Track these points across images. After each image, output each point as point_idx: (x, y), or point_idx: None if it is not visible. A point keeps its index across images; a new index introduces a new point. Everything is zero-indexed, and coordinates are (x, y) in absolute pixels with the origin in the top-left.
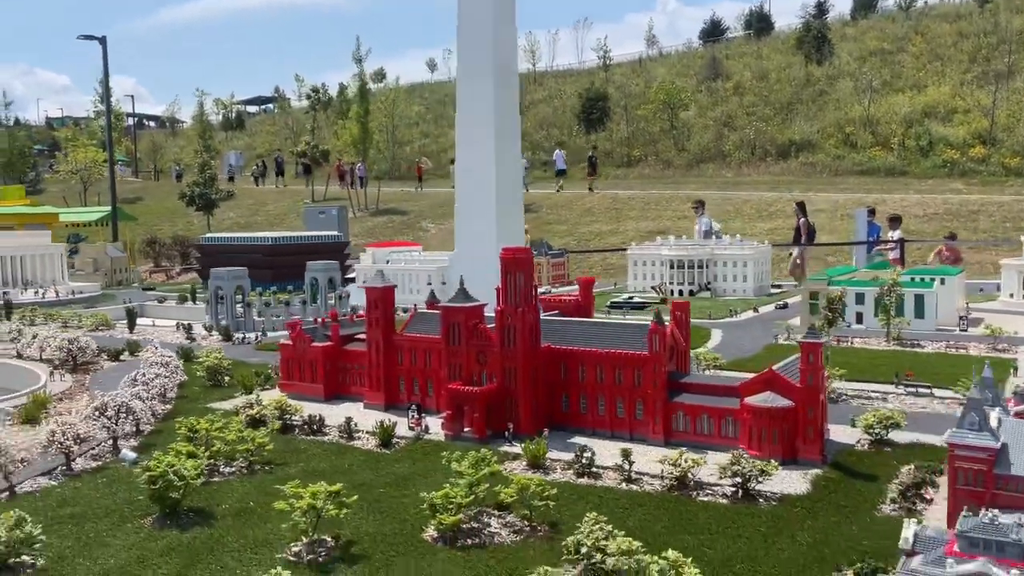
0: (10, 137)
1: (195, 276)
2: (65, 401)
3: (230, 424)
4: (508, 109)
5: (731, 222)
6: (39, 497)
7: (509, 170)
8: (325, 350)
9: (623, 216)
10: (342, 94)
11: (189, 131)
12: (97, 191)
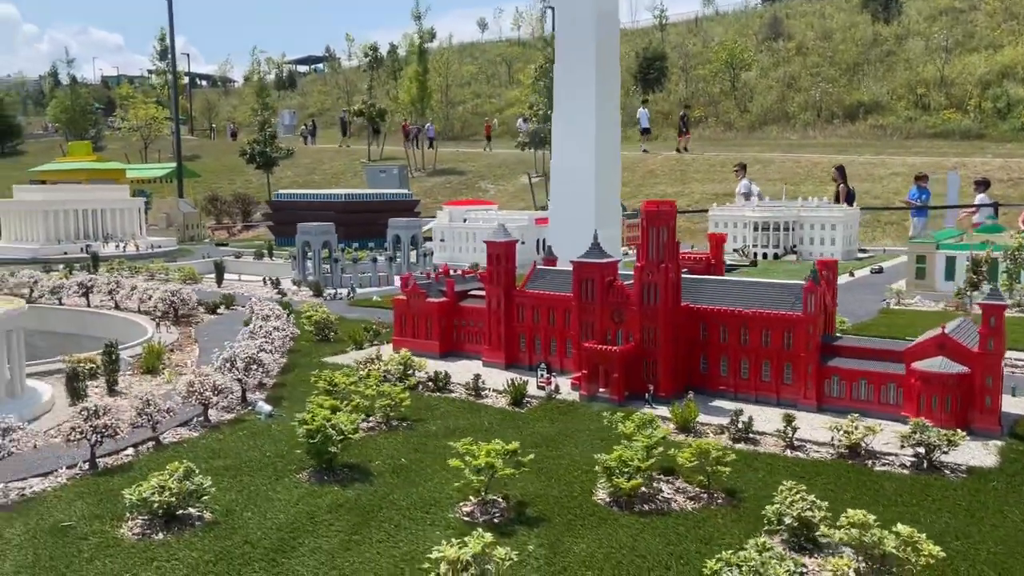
0: (73, 95)
1: (259, 232)
2: (177, 352)
3: (367, 379)
4: (609, 59)
5: (801, 185)
6: (187, 448)
7: (608, 124)
8: (440, 306)
9: (688, 178)
10: (393, 53)
11: (243, 90)
12: (157, 148)
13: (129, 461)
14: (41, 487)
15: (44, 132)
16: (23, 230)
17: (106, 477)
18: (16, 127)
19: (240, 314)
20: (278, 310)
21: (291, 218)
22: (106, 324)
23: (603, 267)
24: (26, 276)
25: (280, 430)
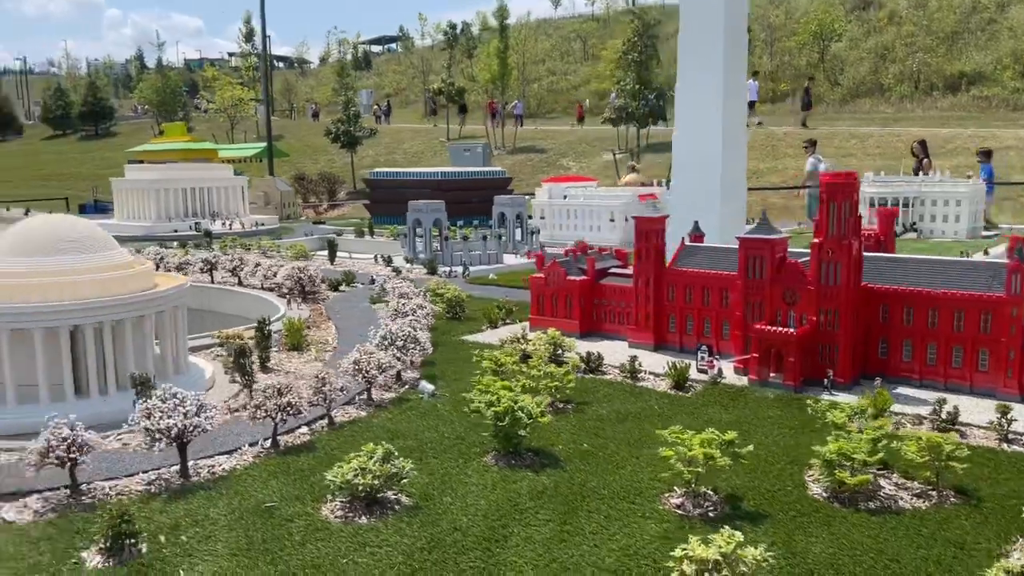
0: (163, 78)
1: (344, 211)
2: (313, 329)
3: (532, 359)
4: (737, 24)
5: (905, 159)
6: (361, 428)
7: (736, 93)
8: (582, 284)
9: (779, 153)
10: (465, 31)
11: (319, 71)
12: (243, 129)
13: (308, 440)
14: (229, 465)
15: (134, 114)
16: (136, 208)
17: (292, 456)
18: (109, 109)
19: (361, 291)
20: (413, 288)
21: (388, 196)
22: (234, 300)
23: (773, 243)
24: (152, 252)
25: (447, 410)
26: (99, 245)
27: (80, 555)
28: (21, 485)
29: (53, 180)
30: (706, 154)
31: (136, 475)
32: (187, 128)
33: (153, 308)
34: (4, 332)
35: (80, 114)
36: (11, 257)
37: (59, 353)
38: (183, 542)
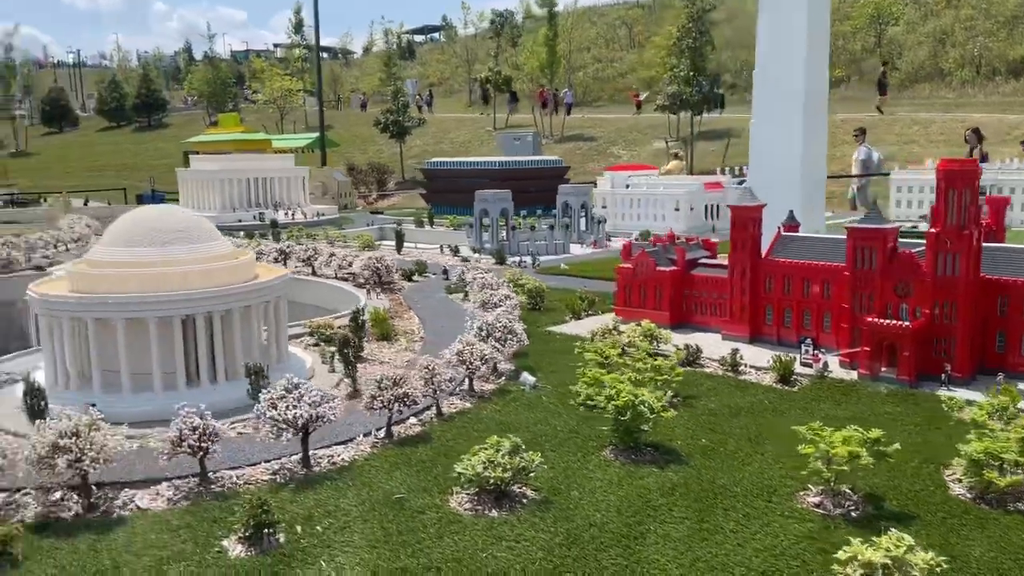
0: (214, 69)
1: (394, 200)
2: (396, 319)
3: (635, 352)
4: (820, 7)
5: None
6: (470, 419)
7: (818, 78)
8: (672, 275)
9: (837, 140)
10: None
11: (363, 61)
12: (291, 119)
13: (421, 431)
14: (348, 455)
15: (184, 105)
16: (200, 197)
17: (409, 447)
18: (162, 101)
19: (434, 281)
20: (495, 279)
21: (445, 186)
22: (309, 290)
23: (885, 234)
24: None
25: (552, 402)
26: (205, 235)
27: (221, 544)
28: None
29: (109, 171)
30: (786, 141)
31: (259, 464)
32: (240, 119)
33: (260, 298)
34: (120, 322)
35: (134, 106)
36: (123, 247)
37: (172, 342)
38: (319, 532)
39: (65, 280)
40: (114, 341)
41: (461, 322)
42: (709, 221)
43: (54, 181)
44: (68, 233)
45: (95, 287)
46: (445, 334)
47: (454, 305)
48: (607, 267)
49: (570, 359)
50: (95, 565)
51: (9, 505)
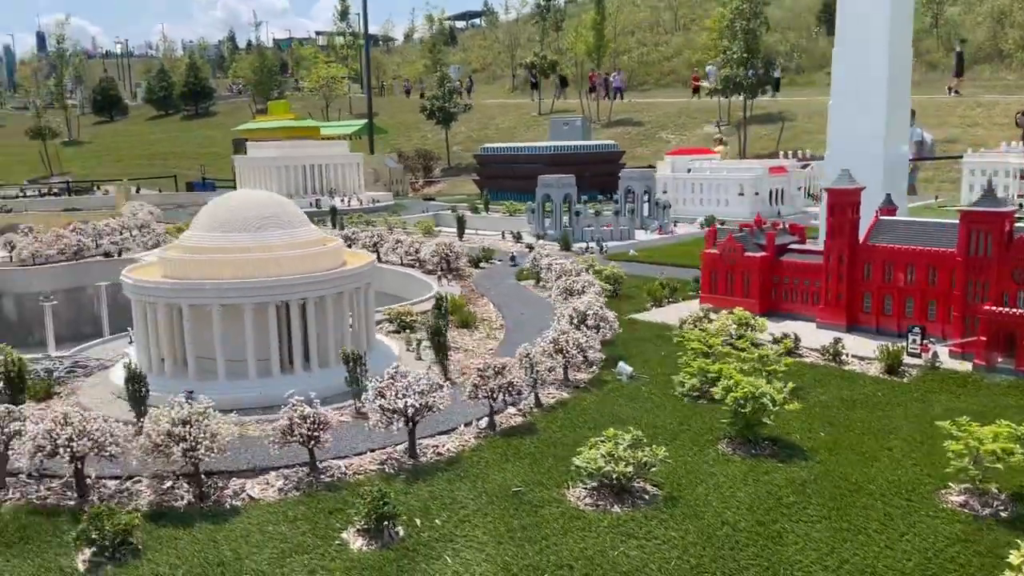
0: (260, 57)
1: (440, 187)
2: (471, 306)
3: (740, 340)
4: None
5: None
6: (573, 411)
7: (902, 57)
8: (762, 261)
9: None
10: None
11: (404, 48)
12: (336, 107)
13: (523, 422)
14: (452, 445)
15: (230, 93)
16: (257, 184)
17: (515, 439)
18: (209, 89)
19: (500, 267)
20: (574, 265)
21: (498, 172)
22: (380, 277)
23: (1002, 217)
24: None
25: (654, 393)
26: (295, 220)
27: (341, 536)
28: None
29: (158, 159)
30: (868, 123)
31: (365, 454)
32: (289, 106)
33: (352, 284)
34: (216, 308)
35: (181, 94)
36: (217, 233)
37: (267, 329)
38: (438, 526)
39: (157, 266)
40: (209, 327)
41: (539, 309)
42: (774, 206)
43: (106, 169)
44: (132, 220)
45: (189, 273)
46: (525, 322)
47: (527, 292)
48: (676, 253)
49: (659, 347)
50: (217, 556)
51: (122, 493)
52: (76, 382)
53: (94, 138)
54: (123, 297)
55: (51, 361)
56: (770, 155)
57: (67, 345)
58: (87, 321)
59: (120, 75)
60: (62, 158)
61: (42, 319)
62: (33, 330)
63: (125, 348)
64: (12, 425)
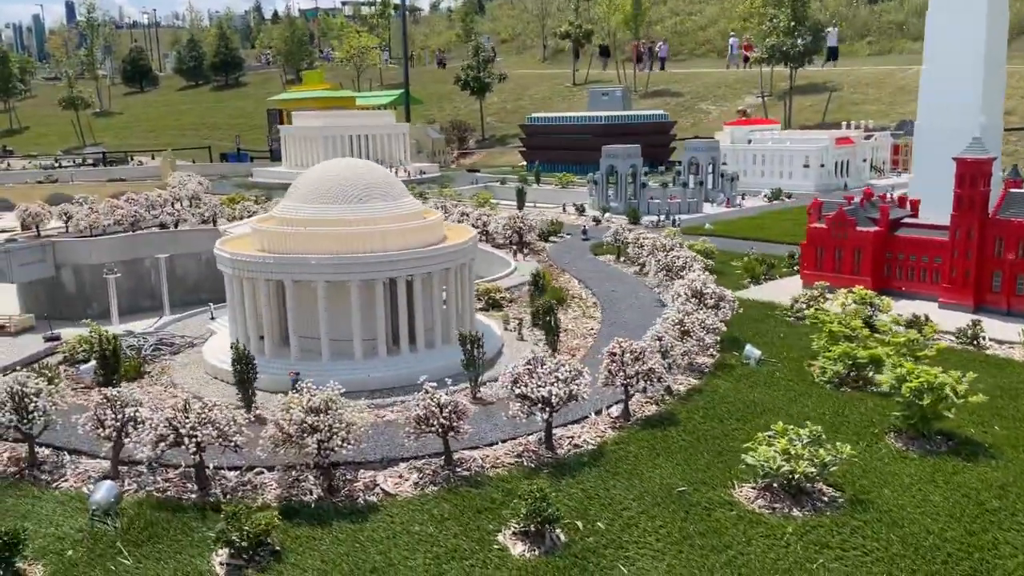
0: (291, 27)
1: (476, 158)
2: (554, 283)
3: (882, 324)
4: None
5: None
6: (711, 399)
7: (998, 21)
8: (875, 236)
9: None
10: None
11: (432, 18)
12: (367, 77)
13: (659, 411)
14: (588, 436)
15: (259, 63)
16: (303, 155)
17: (658, 430)
18: (240, 60)
19: (572, 241)
20: (664, 240)
21: (545, 143)
22: None
23: None
24: None
25: (787, 378)
26: (397, 191)
27: (496, 539)
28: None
29: (190, 129)
30: (962, 91)
31: (495, 444)
32: (324, 76)
33: (459, 260)
34: (321, 284)
35: (212, 65)
36: (319, 204)
37: (373, 307)
38: (602, 530)
39: (248, 238)
40: (311, 305)
41: (629, 286)
42: (840, 178)
43: (138, 139)
44: (183, 190)
45: (290, 247)
46: (617, 299)
47: (609, 267)
48: (753, 227)
49: (772, 328)
50: (366, 561)
51: (244, 486)
52: (164, 360)
53: (125, 109)
54: (181, 269)
55: (136, 338)
56: (816, 126)
57: (127, 318)
58: (145, 294)
59: (148, 46)
60: (94, 128)
61: (101, 291)
62: (92, 302)
63: (208, 324)
64: (127, 410)
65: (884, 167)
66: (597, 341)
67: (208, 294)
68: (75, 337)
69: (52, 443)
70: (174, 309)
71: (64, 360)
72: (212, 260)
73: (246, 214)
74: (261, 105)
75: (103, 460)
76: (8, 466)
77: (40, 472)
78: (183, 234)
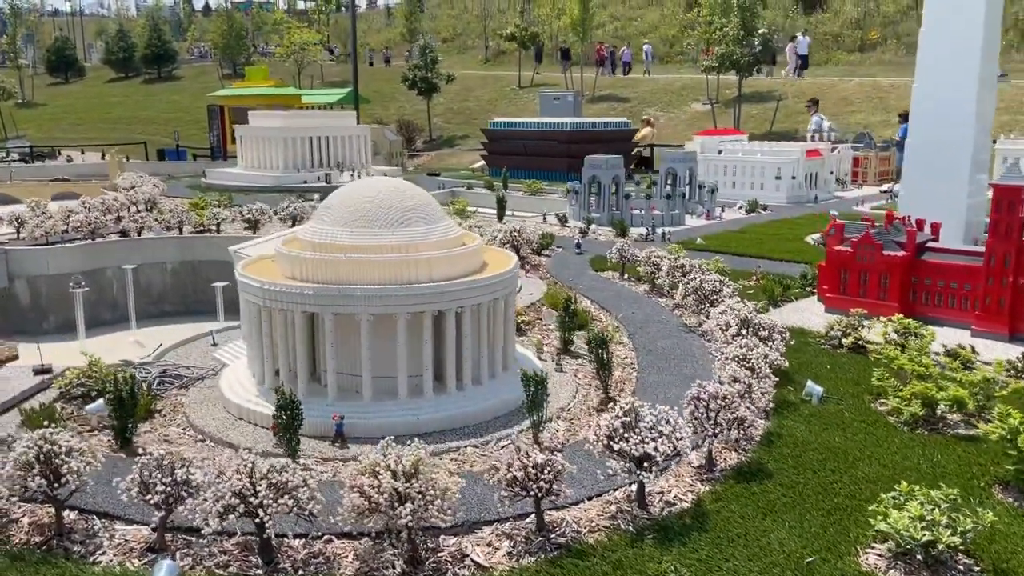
0: (228, 19)
1: (423, 160)
2: None
3: (948, 360)
4: None
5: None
6: (790, 444)
7: (992, 33)
8: (902, 261)
9: (889, 107)
10: None
11: (371, 15)
12: (309, 74)
13: (742, 459)
14: (678, 492)
15: (191, 56)
16: (261, 157)
17: (752, 483)
18: (173, 52)
19: (565, 255)
20: (684, 261)
21: (508, 148)
22: None
23: None
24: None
25: (857, 418)
26: (436, 214)
27: None
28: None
29: (121, 123)
30: (958, 103)
31: (582, 502)
32: (268, 73)
33: (505, 290)
34: (365, 317)
35: (143, 56)
36: (356, 227)
37: (420, 342)
38: None
39: (272, 263)
40: (349, 340)
41: (648, 308)
42: (810, 190)
43: (65, 132)
44: (140, 193)
45: (328, 275)
46: (641, 324)
47: (616, 285)
48: (744, 241)
49: (813, 357)
50: None
51: (315, 557)
52: (172, 395)
53: (50, 100)
54: (145, 280)
55: (136, 369)
56: (764, 135)
57: (89, 332)
58: (106, 305)
59: (72, 35)
60: (16, 120)
61: (59, 303)
62: (49, 315)
63: (213, 353)
64: (177, 472)
65: (846, 179)
66: (641, 372)
67: (172, 305)
68: (73, 371)
69: (78, 505)
70: (139, 322)
71: (60, 397)
72: (178, 270)
73: (215, 222)
74: (197, 99)
75: (140, 526)
76: (31, 534)
77: (71, 542)
78: (147, 242)
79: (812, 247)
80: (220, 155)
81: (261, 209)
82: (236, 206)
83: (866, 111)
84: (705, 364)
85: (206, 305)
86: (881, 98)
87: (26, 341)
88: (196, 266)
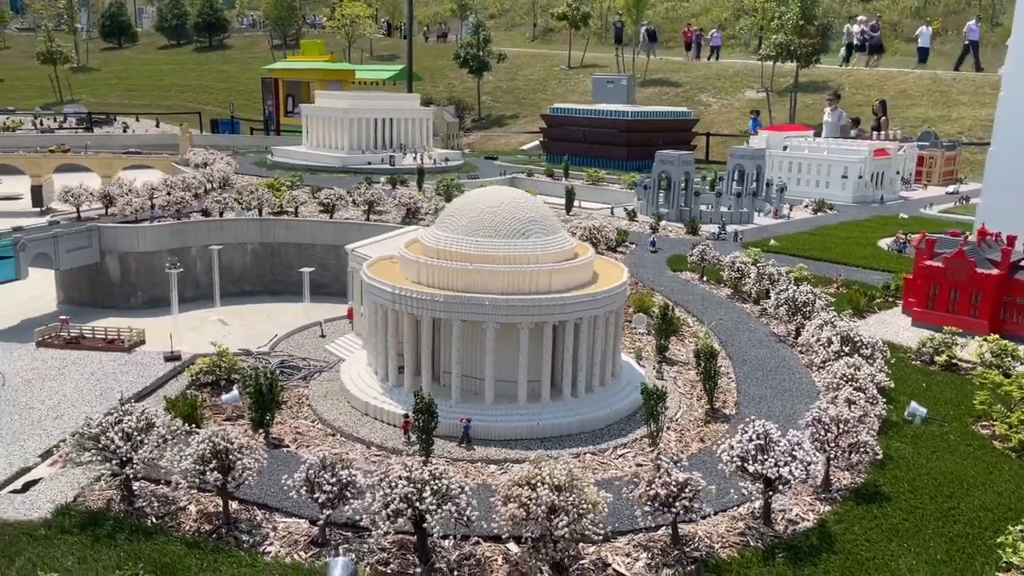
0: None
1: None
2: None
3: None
4: None
5: None
6: (900, 467)
7: None
8: (996, 279)
9: (951, 100)
10: None
11: None
12: (359, 47)
13: (861, 481)
14: (801, 512)
15: (241, 26)
16: (326, 136)
17: (873, 505)
18: (224, 21)
19: (640, 253)
20: (775, 268)
21: (567, 135)
22: None
23: None
24: (369, 191)
25: (963, 442)
26: (553, 224)
27: None
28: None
29: (174, 91)
30: None
31: (709, 516)
32: (324, 47)
33: (618, 302)
34: (491, 325)
35: (195, 24)
36: (480, 237)
37: (540, 351)
38: None
39: (390, 264)
40: (475, 344)
41: (734, 314)
42: (876, 190)
43: (119, 99)
44: (216, 171)
45: (455, 283)
46: (730, 332)
47: (699, 288)
48: (818, 244)
49: (909, 374)
50: None
51: (467, 559)
52: (296, 388)
53: (103, 65)
54: (227, 260)
55: (256, 359)
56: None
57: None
58: (190, 283)
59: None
60: (72, 84)
61: (146, 280)
62: (137, 291)
63: (325, 345)
64: (342, 474)
65: (910, 179)
66: (742, 384)
67: (250, 285)
68: (203, 360)
69: (238, 496)
70: (222, 300)
71: (192, 384)
72: (258, 251)
73: (294, 205)
74: (247, 70)
75: (299, 519)
76: (200, 522)
77: (239, 531)
78: (230, 224)
79: (887, 253)
80: (274, 128)
81: (338, 194)
82: (306, 186)
83: (926, 105)
84: (801, 377)
85: (284, 286)
86: (942, 92)
87: (116, 316)
88: (275, 248)
